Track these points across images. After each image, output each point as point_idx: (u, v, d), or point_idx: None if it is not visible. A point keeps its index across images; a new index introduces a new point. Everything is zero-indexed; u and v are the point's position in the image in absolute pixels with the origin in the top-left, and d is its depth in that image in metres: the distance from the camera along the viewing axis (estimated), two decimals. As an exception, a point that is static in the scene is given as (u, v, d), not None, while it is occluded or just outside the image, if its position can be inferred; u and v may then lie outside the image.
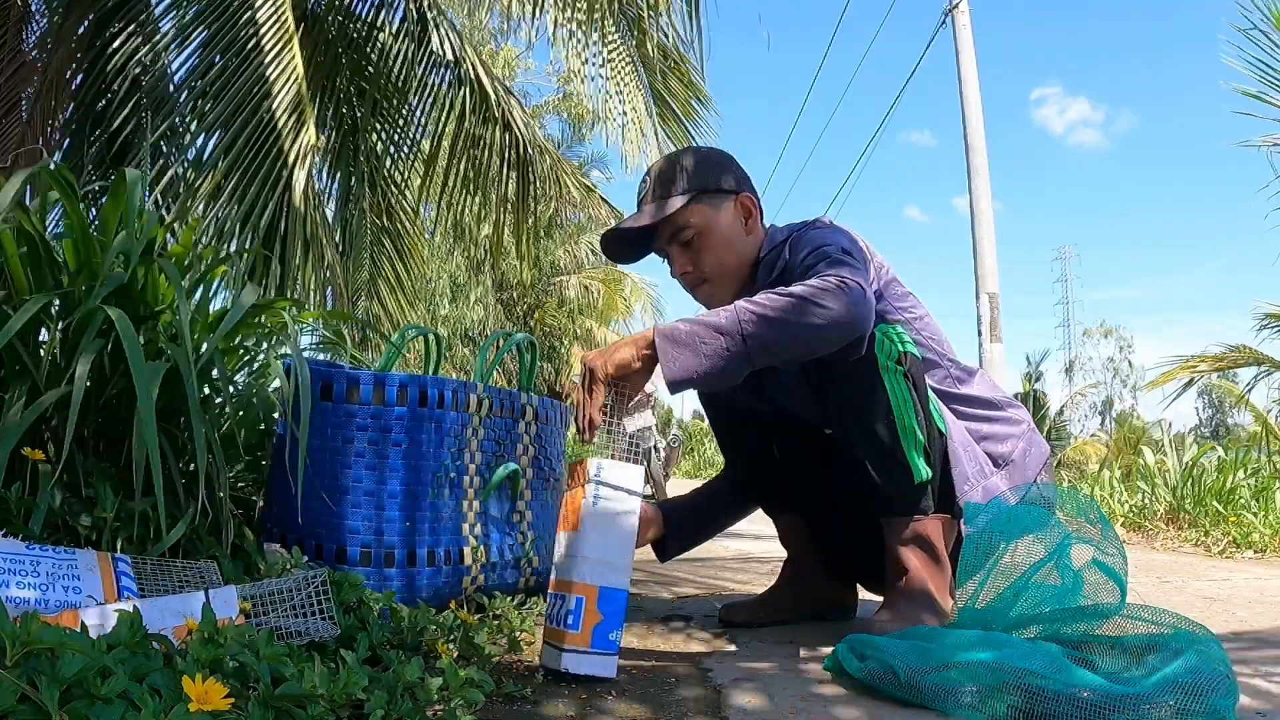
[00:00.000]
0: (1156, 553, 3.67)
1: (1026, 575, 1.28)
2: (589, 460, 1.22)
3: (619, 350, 1.28)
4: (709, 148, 1.61)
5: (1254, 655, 1.39)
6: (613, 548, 1.18)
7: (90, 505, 1.20)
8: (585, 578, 1.16)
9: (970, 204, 8.38)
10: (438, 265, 13.16)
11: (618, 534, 1.19)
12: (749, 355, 1.25)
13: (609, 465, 1.21)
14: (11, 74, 3.33)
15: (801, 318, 1.25)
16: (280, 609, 1.04)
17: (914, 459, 1.37)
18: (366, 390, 1.43)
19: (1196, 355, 6.49)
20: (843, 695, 1.10)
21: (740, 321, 1.25)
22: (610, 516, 1.19)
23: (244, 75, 2.95)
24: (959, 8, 8.54)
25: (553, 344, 16.57)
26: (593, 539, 1.18)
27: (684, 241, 1.50)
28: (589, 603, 1.16)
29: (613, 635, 1.16)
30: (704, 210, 1.49)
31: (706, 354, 1.25)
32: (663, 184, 1.50)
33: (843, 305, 1.25)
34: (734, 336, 1.24)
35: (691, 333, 1.25)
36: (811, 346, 1.29)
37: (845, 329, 1.27)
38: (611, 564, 1.18)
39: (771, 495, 1.70)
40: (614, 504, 1.20)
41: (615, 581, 1.17)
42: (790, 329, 1.25)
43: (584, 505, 1.19)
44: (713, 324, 1.26)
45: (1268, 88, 4.98)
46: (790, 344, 1.26)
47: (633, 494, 1.21)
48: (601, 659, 1.15)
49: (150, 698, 0.67)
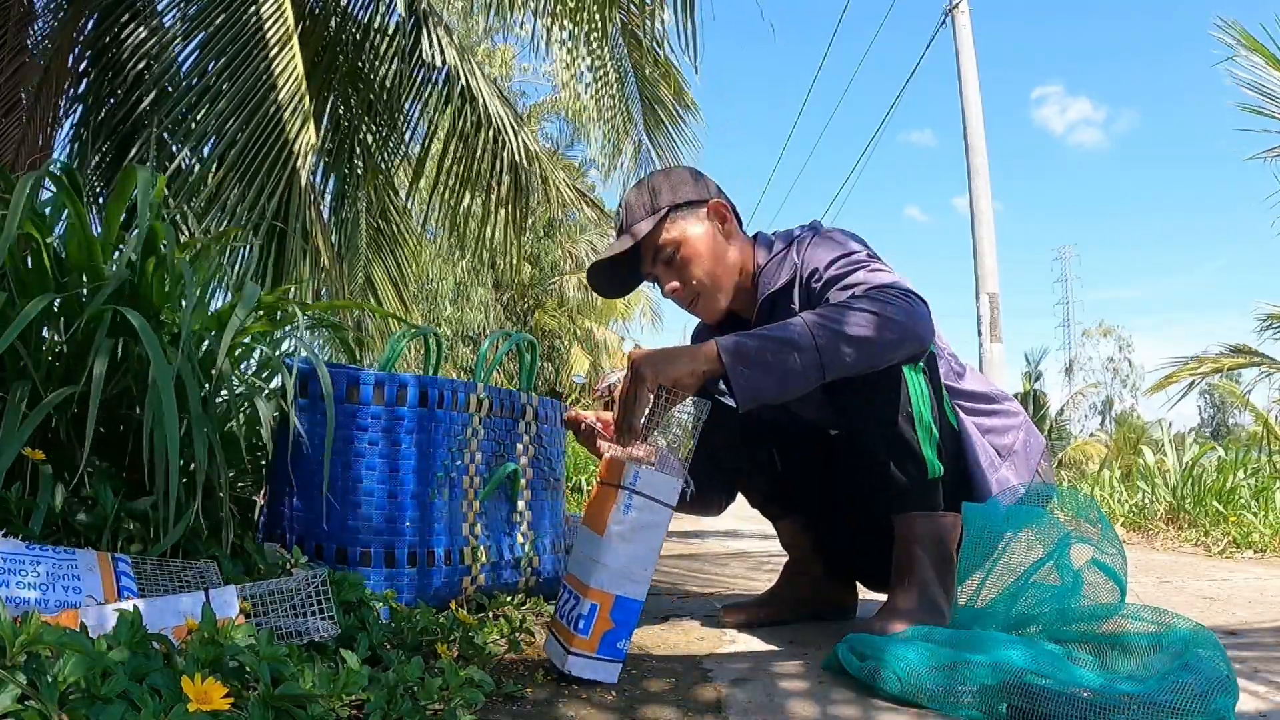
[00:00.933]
0: (1156, 553, 3.67)
1: (1026, 575, 1.28)
2: (627, 463, 1.17)
3: (675, 362, 1.22)
4: (675, 167, 1.63)
5: (1254, 655, 1.39)
6: (637, 559, 1.14)
7: (90, 505, 1.20)
8: (604, 585, 1.13)
9: (970, 204, 8.39)
10: (439, 266, 13.17)
11: (644, 547, 1.15)
12: (824, 370, 1.22)
13: (645, 474, 1.16)
14: (13, 72, 3.33)
15: (878, 333, 1.23)
16: (280, 609, 1.04)
17: (929, 454, 1.37)
18: (367, 390, 1.43)
19: (1196, 357, 6.51)
20: (843, 696, 1.10)
21: (815, 336, 1.21)
22: (639, 529, 1.15)
23: (246, 73, 2.95)
24: (959, 8, 8.55)
25: (553, 344, 16.57)
26: (618, 549, 1.14)
27: (667, 260, 1.50)
28: (603, 610, 1.13)
29: (621, 644, 1.14)
30: (679, 224, 1.49)
31: (781, 372, 1.21)
32: (635, 210, 1.51)
33: (912, 319, 1.25)
34: (809, 352, 1.20)
35: (762, 349, 1.20)
36: (884, 360, 1.27)
37: (917, 343, 1.27)
38: (632, 575, 1.14)
39: (773, 499, 1.70)
40: (645, 515, 1.15)
41: (632, 592, 1.14)
42: (867, 345, 1.23)
43: (614, 512, 1.15)
44: (783, 339, 1.21)
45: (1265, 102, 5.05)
46: (865, 359, 1.24)
47: (666, 506, 1.16)
48: (606, 665, 1.13)
49: (150, 698, 0.67)
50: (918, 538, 1.38)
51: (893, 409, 1.36)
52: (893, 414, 1.36)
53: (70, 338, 1.28)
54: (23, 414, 1.14)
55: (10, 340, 1.09)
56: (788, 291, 1.46)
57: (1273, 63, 4.93)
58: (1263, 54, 4.95)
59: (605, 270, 1.53)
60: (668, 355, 1.24)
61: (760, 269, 1.52)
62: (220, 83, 2.96)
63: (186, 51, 3.24)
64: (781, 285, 1.46)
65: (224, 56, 2.97)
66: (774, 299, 1.48)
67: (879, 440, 1.38)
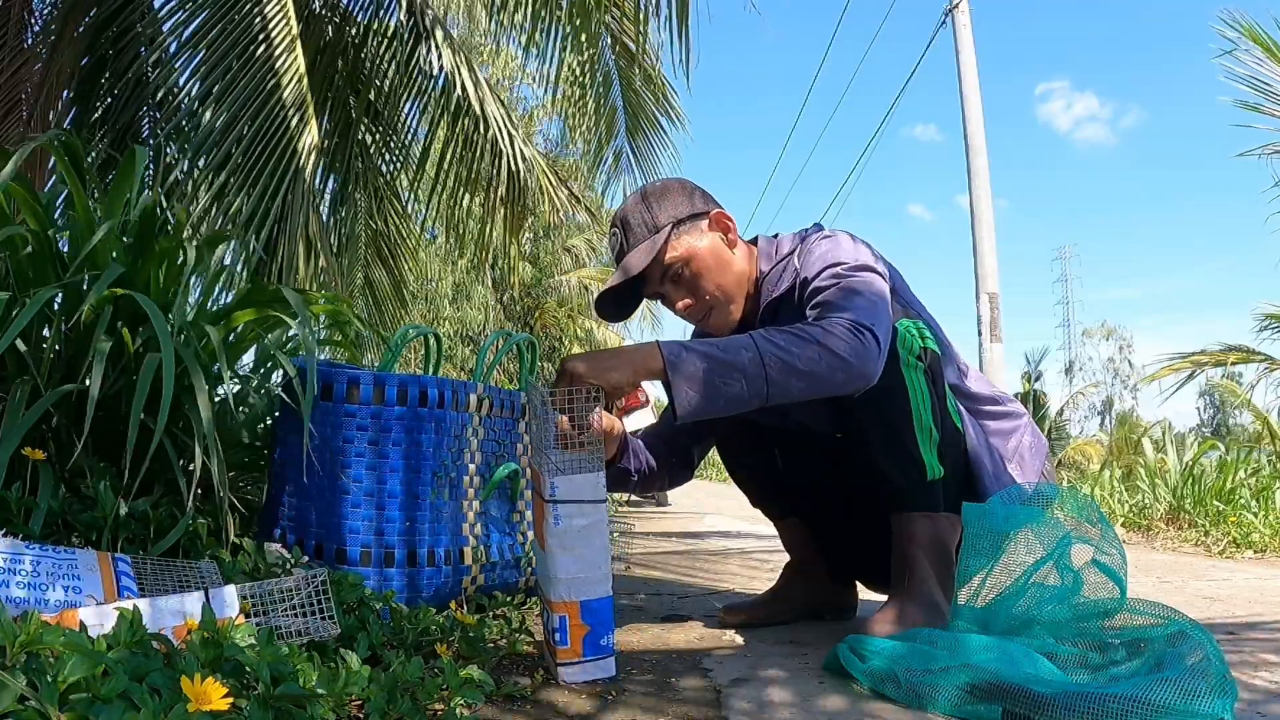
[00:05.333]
0: (1156, 553, 3.67)
1: (1026, 575, 1.28)
2: (543, 477, 1.15)
3: (613, 368, 1.20)
4: (665, 180, 1.58)
5: (1254, 655, 1.39)
6: (586, 562, 1.14)
7: (90, 505, 1.20)
8: (563, 596, 1.14)
9: (970, 205, 8.39)
10: (439, 266, 13.17)
11: (588, 549, 1.14)
12: (767, 399, 1.22)
13: (561, 482, 1.13)
14: (12, 73, 3.33)
15: (828, 372, 1.23)
16: (280, 609, 1.04)
17: (928, 455, 1.37)
18: (367, 390, 1.43)
19: (1198, 351, 6.52)
20: (842, 696, 1.11)
21: (765, 366, 1.21)
22: (575, 533, 1.14)
23: (250, 73, 2.95)
24: (959, 8, 8.54)
25: (553, 344, 16.57)
26: (562, 560, 1.13)
27: (675, 277, 1.48)
28: (572, 619, 1.13)
29: (604, 640, 1.14)
30: (686, 239, 1.46)
31: (724, 397, 1.20)
32: (635, 230, 1.48)
33: (861, 360, 1.25)
34: (756, 381, 1.21)
35: (710, 372, 1.20)
36: (826, 394, 1.27)
37: (863, 382, 1.27)
38: (586, 579, 1.14)
39: (774, 498, 1.70)
40: (577, 520, 1.14)
41: (595, 593, 1.14)
42: (814, 381, 1.23)
43: (547, 527, 1.15)
44: (731, 363, 1.21)
45: (1263, 98, 5.05)
46: (809, 392, 1.25)
47: (596, 503, 1.15)
48: (597, 664, 1.14)
49: (150, 698, 0.67)
50: (917, 538, 1.38)
51: (892, 411, 1.36)
52: (888, 411, 1.36)
53: (69, 334, 1.28)
54: (22, 412, 1.14)
55: (12, 340, 1.09)
56: (789, 297, 1.45)
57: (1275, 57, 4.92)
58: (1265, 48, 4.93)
59: (612, 296, 1.51)
60: (604, 356, 1.22)
61: (764, 275, 1.51)
62: (223, 83, 2.96)
63: (188, 51, 3.24)
64: (783, 291, 1.46)
65: (228, 57, 2.96)
66: (776, 305, 1.47)
67: (878, 442, 1.38)
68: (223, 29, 2.99)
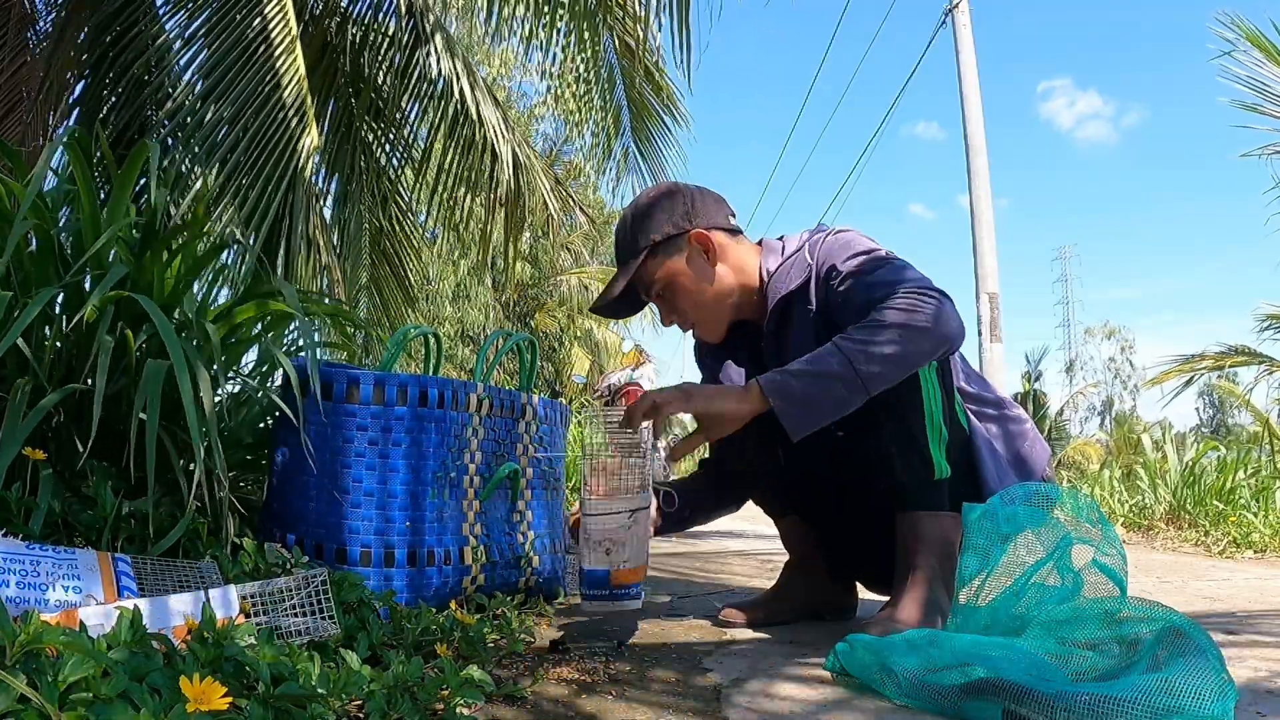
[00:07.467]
0: (1156, 553, 3.67)
1: (1026, 575, 1.28)
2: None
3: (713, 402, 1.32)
4: (657, 190, 1.60)
5: (1253, 655, 1.39)
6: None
7: (90, 505, 1.20)
8: None
9: (970, 205, 8.39)
10: (440, 266, 13.17)
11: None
12: (867, 393, 1.29)
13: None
14: (13, 74, 3.33)
15: (914, 344, 1.28)
16: (280, 608, 1.04)
17: (938, 455, 1.37)
18: (367, 390, 1.43)
19: (1196, 354, 6.51)
20: (843, 696, 1.11)
21: (854, 365, 1.27)
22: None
23: (250, 74, 2.95)
24: (959, 8, 8.54)
25: (552, 344, 16.57)
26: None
27: (658, 296, 1.55)
28: None
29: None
30: (660, 262, 1.51)
31: (828, 404, 1.29)
32: (623, 247, 1.55)
33: (939, 321, 1.29)
34: (851, 381, 1.28)
35: (808, 390, 1.29)
36: (920, 365, 1.33)
37: (948, 344, 1.32)
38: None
39: (776, 495, 1.70)
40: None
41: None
42: (903, 360, 1.29)
43: None
44: (825, 373, 1.28)
45: (1262, 99, 5.05)
46: (903, 371, 1.30)
47: None
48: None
49: (150, 698, 0.67)
50: (921, 537, 1.38)
51: (905, 406, 1.37)
52: (905, 411, 1.37)
53: (71, 334, 1.28)
54: (23, 413, 1.14)
55: (13, 339, 1.09)
56: (803, 292, 1.46)
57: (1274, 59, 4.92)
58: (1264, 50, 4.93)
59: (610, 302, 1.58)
60: (700, 393, 1.33)
61: (771, 274, 1.52)
62: (223, 83, 2.96)
63: (189, 51, 3.24)
64: (796, 287, 1.47)
65: (229, 57, 2.96)
66: (788, 301, 1.49)
67: (889, 437, 1.39)
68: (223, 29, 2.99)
